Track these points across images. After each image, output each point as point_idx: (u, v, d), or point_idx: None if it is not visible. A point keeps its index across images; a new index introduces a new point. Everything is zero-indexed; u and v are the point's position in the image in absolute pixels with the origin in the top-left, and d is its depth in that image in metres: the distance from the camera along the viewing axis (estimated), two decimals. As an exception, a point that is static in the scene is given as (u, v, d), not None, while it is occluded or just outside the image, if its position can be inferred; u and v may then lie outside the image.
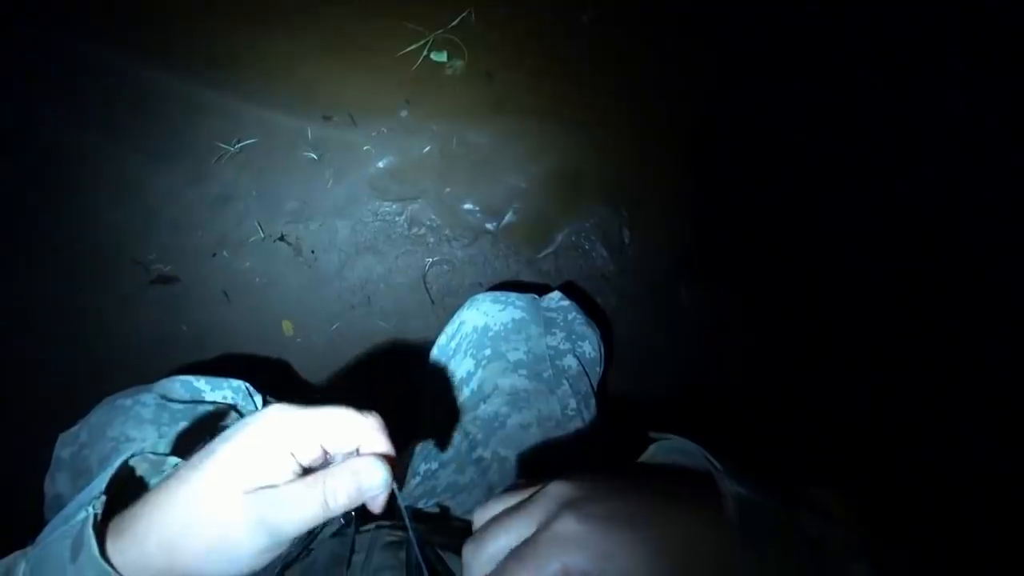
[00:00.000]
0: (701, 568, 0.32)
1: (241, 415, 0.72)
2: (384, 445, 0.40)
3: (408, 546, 0.44)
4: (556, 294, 0.80)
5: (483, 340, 0.73)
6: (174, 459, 0.43)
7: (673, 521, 0.33)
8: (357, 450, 0.40)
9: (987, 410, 1.06)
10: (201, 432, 0.65)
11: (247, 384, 0.74)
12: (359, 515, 0.68)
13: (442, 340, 0.78)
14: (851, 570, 0.32)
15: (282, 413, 0.38)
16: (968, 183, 1.27)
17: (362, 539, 0.65)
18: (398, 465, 0.41)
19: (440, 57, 1.31)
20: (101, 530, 0.36)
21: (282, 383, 1.11)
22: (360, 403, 0.42)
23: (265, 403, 0.75)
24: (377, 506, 0.41)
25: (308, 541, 0.64)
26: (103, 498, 0.37)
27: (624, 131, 1.37)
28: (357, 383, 1.14)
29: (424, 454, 0.75)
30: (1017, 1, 1.31)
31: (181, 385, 0.71)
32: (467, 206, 1.26)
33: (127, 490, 0.40)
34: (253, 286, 1.20)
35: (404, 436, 0.85)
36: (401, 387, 1.14)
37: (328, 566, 0.62)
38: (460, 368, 0.74)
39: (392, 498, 0.41)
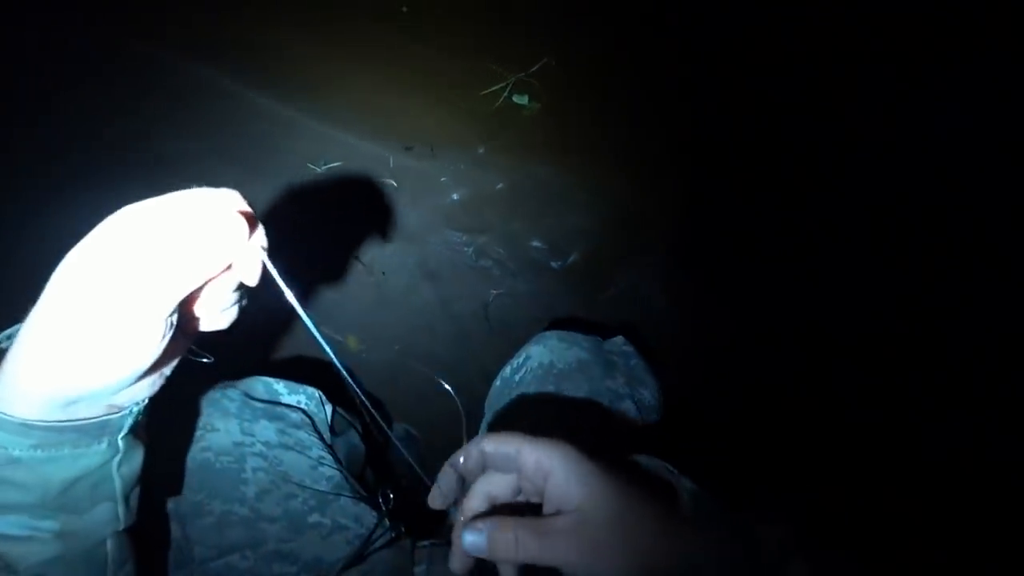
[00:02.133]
0: (646, 538, 0.37)
1: (311, 421, 0.76)
2: (244, 205, 0.38)
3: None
4: (619, 338, 0.82)
5: (547, 377, 0.75)
6: None
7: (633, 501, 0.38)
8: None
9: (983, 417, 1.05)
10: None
11: (320, 392, 0.79)
12: (414, 525, 0.71)
13: (506, 372, 0.81)
14: (787, 568, 0.37)
15: (126, 212, 0.37)
16: (965, 189, 1.26)
17: (420, 552, 0.68)
18: (255, 222, 0.38)
19: (521, 100, 1.39)
20: None
21: (344, 392, 1.16)
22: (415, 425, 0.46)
23: (335, 414, 0.80)
24: (252, 273, 0.39)
25: (362, 547, 0.67)
26: None
27: (688, 177, 1.39)
28: (414, 404, 1.18)
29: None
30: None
31: (263, 385, 0.76)
32: (534, 243, 1.30)
33: None
34: (324, 298, 1.27)
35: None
36: (456, 414, 1.18)
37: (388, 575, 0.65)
38: (522, 401, 0.76)
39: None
